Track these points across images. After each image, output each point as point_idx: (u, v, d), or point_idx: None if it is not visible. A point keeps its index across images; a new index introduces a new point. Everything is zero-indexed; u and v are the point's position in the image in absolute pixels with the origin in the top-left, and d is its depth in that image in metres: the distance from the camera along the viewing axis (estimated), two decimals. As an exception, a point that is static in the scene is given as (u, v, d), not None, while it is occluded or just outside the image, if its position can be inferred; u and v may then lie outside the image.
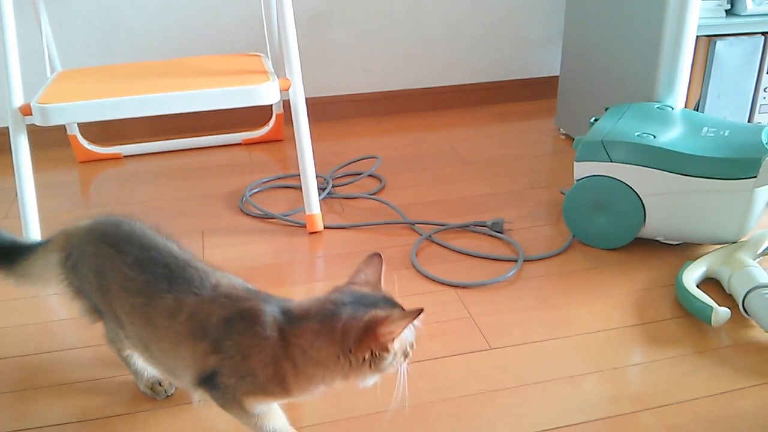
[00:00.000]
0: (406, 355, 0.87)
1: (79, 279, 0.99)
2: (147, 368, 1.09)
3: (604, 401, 1.08)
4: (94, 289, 0.96)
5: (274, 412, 0.95)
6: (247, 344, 0.85)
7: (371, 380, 0.86)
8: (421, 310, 0.80)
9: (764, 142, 1.39)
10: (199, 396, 0.91)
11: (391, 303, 0.87)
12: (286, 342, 0.84)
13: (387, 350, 0.83)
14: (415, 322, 0.82)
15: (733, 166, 1.35)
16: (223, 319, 0.86)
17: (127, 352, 1.08)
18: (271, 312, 0.86)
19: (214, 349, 0.86)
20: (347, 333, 0.82)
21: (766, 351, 1.19)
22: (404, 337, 0.84)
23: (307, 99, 1.59)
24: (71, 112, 1.46)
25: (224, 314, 0.87)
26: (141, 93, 1.48)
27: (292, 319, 0.85)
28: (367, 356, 0.82)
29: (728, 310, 1.22)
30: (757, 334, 1.23)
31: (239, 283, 0.93)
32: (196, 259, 0.94)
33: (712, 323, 1.22)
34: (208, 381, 0.88)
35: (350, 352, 0.82)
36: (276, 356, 0.84)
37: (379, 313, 0.82)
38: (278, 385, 0.86)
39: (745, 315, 1.26)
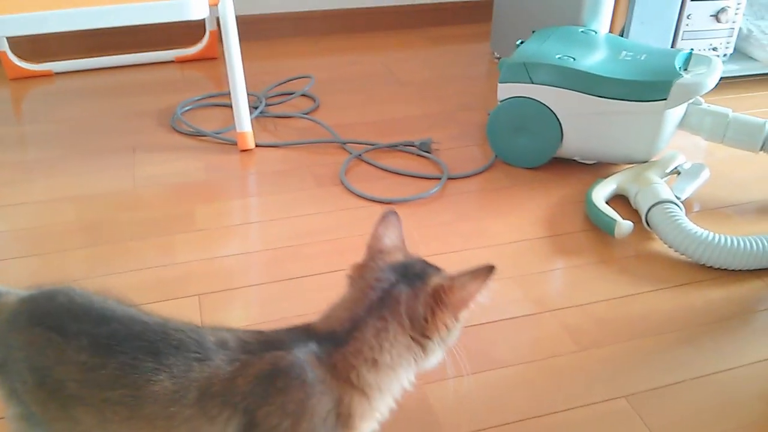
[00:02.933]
0: None
1: (11, 379, 0.71)
2: None
3: (510, 304, 1.17)
4: (35, 393, 0.68)
5: None
6: (297, 400, 0.66)
7: (437, 359, 0.73)
8: (492, 267, 0.68)
9: (677, 67, 1.46)
10: None
11: (434, 266, 0.74)
12: (345, 368, 0.68)
13: (458, 319, 0.71)
14: (489, 282, 0.69)
15: (645, 88, 1.42)
16: (254, 381, 0.66)
17: None
18: (307, 348, 0.68)
19: (251, 425, 0.65)
20: (415, 313, 0.69)
21: (664, 261, 1.29)
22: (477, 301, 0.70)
23: (239, 17, 1.59)
24: (-3, 25, 1.43)
25: (253, 375, 0.66)
26: (69, 6, 1.45)
27: (339, 339, 0.69)
28: (442, 332, 0.70)
29: (631, 223, 1.31)
30: (658, 245, 1.33)
31: (245, 334, 0.71)
32: (170, 319, 0.71)
33: (615, 235, 1.31)
34: None
35: (423, 334, 0.70)
36: (336, 397, 0.68)
37: (440, 280, 0.70)
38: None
39: (648, 228, 1.35)
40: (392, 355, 0.69)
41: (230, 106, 1.64)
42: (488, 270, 0.68)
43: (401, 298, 0.69)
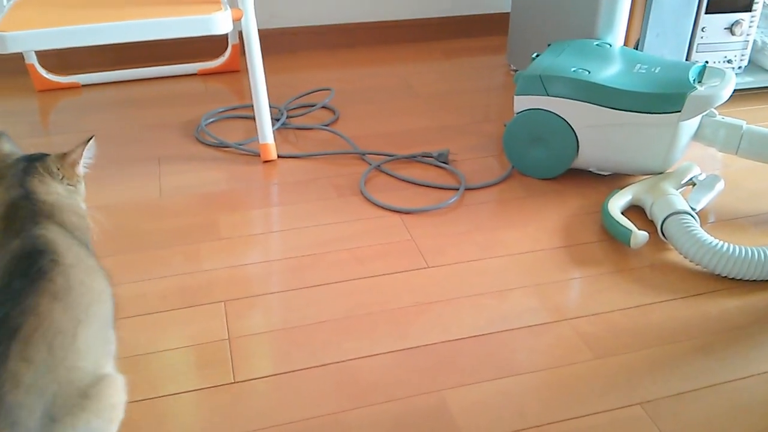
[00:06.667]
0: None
1: None
2: None
3: (526, 312, 1.19)
4: None
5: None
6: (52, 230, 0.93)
7: (81, 195, 1.04)
8: (91, 137, 1.03)
9: (690, 79, 1.49)
10: None
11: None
12: (47, 204, 0.95)
13: (78, 173, 1.03)
14: (88, 145, 1.02)
15: (660, 100, 1.45)
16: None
17: None
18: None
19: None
20: (49, 169, 0.99)
21: (679, 271, 1.31)
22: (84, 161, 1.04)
23: (261, 31, 1.63)
24: (28, 40, 1.48)
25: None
26: (96, 21, 1.50)
27: (24, 196, 0.96)
28: (72, 180, 1.01)
29: (646, 233, 1.33)
30: (673, 256, 1.35)
31: None
32: None
33: (631, 245, 1.33)
34: None
35: (61, 181, 1.00)
36: (66, 213, 0.96)
37: (56, 154, 1.02)
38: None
39: (663, 239, 1.37)
40: (59, 192, 0.98)
41: (253, 118, 1.68)
42: (86, 140, 1.02)
43: (37, 164, 0.99)
